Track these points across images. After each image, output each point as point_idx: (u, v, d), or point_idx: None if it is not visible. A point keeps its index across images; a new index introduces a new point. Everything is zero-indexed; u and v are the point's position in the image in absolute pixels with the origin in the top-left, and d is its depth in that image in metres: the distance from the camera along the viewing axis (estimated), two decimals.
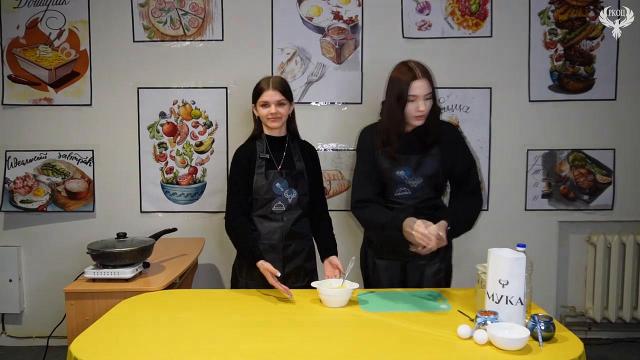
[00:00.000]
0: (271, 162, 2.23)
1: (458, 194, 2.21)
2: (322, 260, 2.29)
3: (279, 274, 2.03)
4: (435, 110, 2.12)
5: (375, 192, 2.17)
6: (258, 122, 2.28)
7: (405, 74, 2.05)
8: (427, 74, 2.05)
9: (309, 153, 2.34)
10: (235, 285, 2.32)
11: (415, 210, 2.13)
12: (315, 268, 2.36)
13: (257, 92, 2.22)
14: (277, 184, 2.21)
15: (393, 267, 2.23)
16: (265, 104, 2.20)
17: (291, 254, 2.25)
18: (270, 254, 2.21)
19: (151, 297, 2.09)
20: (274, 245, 2.23)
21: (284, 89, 2.21)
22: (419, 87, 2.02)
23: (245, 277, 2.26)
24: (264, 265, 2.06)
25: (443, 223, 2.00)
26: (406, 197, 2.16)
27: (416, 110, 2.04)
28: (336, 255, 2.28)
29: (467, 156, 2.20)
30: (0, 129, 3.26)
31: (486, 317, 1.65)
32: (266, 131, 2.28)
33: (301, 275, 2.29)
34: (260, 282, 2.13)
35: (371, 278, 2.30)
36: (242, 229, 2.19)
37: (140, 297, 2.09)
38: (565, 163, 3.24)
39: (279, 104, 2.20)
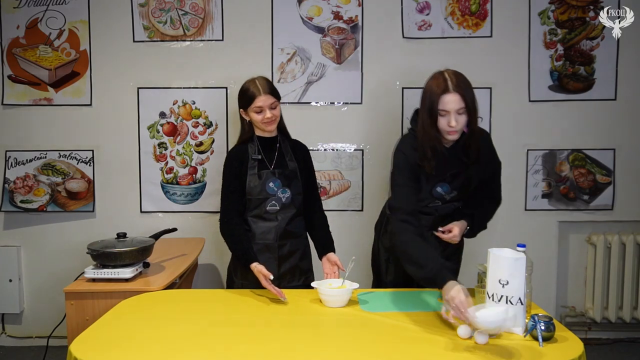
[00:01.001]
0: (263, 162, 2.22)
1: (478, 195, 2.19)
2: (320, 258, 2.29)
3: (272, 277, 2.03)
4: (477, 123, 1.97)
5: (415, 208, 2.03)
6: (249, 125, 2.25)
7: (437, 85, 1.91)
8: (461, 87, 1.89)
9: (301, 152, 2.33)
10: (230, 286, 2.31)
11: (442, 218, 2.15)
12: (311, 267, 2.36)
13: (248, 98, 2.17)
14: (271, 184, 2.20)
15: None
16: (260, 110, 2.17)
17: (286, 253, 2.25)
18: (265, 253, 2.21)
19: (151, 297, 2.09)
20: (268, 245, 2.22)
21: (273, 90, 2.19)
22: (450, 102, 1.88)
23: (240, 278, 2.25)
24: (257, 268, 2.06)
25: (463, 223, 2.12)
26: (437, 207, 2.14)
27: (447, 125, 1.91)
28: (334, 252, 2.28)
29: (495, 162, 2.19)
30: (0, 129, 3.26)
31: None
32: (257, 132, 2.26)
33: (296, 275, 2.29)
34: (255, 283, 2.12)
35: (384, 277, 2.30)
36: (236, 231, 2.18)
37: (140, 297, 2.09)
38: (565, 163, 3.24)
39: (272, 107, 2.18)
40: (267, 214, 2.22)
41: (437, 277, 1.76)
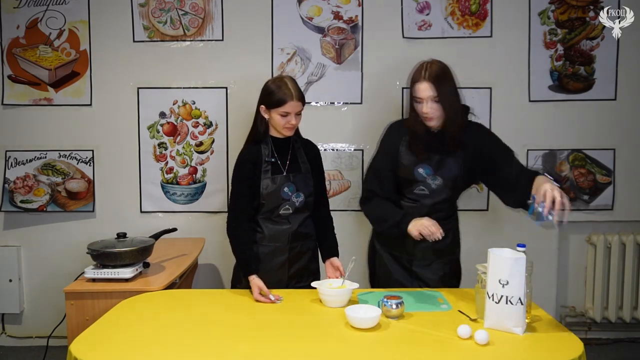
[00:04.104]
0: (277, 165, 2.18)
1: (513, 178, 2.06)
2: (324, 261, 2.28)
3: (272, 298, 2.01)
4: (455, 112, 2.05)
5: (384, 188, 2.17)
6: (266, 124, 2.18)
7: (416, 73, 2.08)
8: (434, 76, 2.02)
9: (312, 152, 2.30)
10: (235, 286, 2.30)
11: (429, 209, 2.14)
12: (319, 268, 2.35)
13: (278, 100, 2.08)
14: (285, 189, 2.16)
15: (401, 263, 2.23)
16: (286, 114, 2.11)
17: (296, 254, 2.24)
18: (277, 256, 2.20)
19: (151, 297, 2.09)
20: (280, 247, 2.21)
21: (302, 97, 2.13)
22: (422, 90, 2.03)
23: (247, 279, 2.24)
24: (254, 281, 2.06)
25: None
26: (423, 195, 2.15)
27: (421, 112, 2.06)
28: (337, 256, 2.27)
29: (503, 149, 2.12)
30: (0, 129, 3.26)
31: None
32: (272, 132, 2.21)
33: (305, 276, 2.27)
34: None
35: (378, 272, 2.30)
36: (243, 237, 2.17)
37: (140, 297, 2.09)
38: (565, 163, 3.24)
39: (298, 113, 2.14)
40: (279, 218, 2.19)
41: (401, 222, 2.04)
